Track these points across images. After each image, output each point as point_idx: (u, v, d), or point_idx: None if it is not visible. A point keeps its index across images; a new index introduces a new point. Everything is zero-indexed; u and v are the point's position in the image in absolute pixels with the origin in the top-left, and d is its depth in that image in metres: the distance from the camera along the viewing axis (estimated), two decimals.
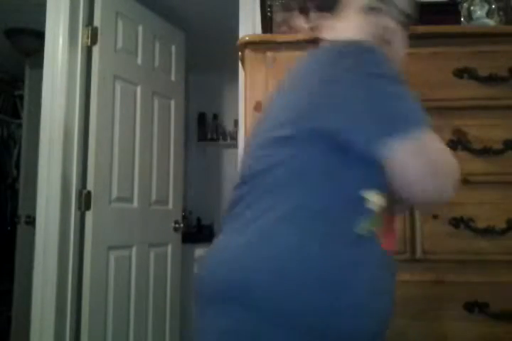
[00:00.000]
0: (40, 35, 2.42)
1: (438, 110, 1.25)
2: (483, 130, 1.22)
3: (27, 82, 3.29)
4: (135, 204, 2.37)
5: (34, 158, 2.19)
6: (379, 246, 0.76)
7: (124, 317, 2.25)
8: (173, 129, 2.71)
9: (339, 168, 0.76)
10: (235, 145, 2.57)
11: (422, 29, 1.26)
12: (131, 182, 2.35)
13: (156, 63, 2.59)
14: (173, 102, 2.72)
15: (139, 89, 2.44)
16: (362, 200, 0.75)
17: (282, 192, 0.77)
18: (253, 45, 1.26)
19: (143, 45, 2.47)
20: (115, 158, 2.24)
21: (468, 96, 1.23)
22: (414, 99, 0.76)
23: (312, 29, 0.97)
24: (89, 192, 2.11)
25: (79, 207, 2.11)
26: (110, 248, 2.18)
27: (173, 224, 2.65)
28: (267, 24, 1.51)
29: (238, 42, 1.36)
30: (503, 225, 1.17)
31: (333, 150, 0.75)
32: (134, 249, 2.34)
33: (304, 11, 0.98)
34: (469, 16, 1.43)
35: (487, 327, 1.15)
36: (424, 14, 1.32)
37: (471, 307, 1.15)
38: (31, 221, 2.91)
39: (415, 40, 1.28)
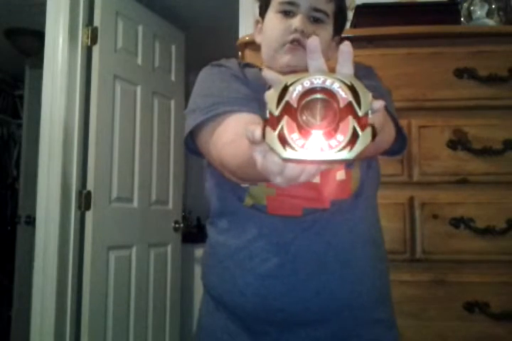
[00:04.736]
0: (40, 35, 2.42)
1: (438, 110, 1.25)
2: (483, 130, 1.22)
3: (27, 82, 3.29)
4: (135, 204, 2.37)
5: (34, 158, 2.19)
6: None
7: (124, 317, 2.25)
8: (173, 129, 2.70)
9: None
10: None
11: (422, 29, 1.27)
12: (131, 182, 2.35)
13: (156, 63, 2.58)
14: (173, 102, 2.72)
15: (139, 89, 2.44)
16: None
17: None
18: (253, 45, 1.26)
19: (143, 45, 2.47)
20: (115, 158, 2.24)
21: (468, 96, 1.23)
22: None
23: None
24: (89, 192, 2.11)
25: (79, 207, 2.11)
26: (110, 248, 2.18)
27: (173, 224, 2.64)
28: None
29: (238, 42, 1.37)
30: (503, 225, 1.17)
31: None
32: (134, 249, 2.34)
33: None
34: (469, 16, 1.43)
35: (487, 327, 1.15)
36: (424, 14, 1.33)
37: (471, 307, 1.15)
38: (31, 221, 2.91)
39: (416, 40, 1.28)
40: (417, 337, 1.16)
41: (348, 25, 1.08)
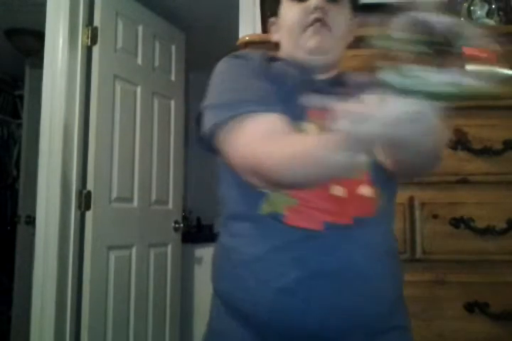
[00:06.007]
0: (40, 35, 2.42)
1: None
2: (483, 130, 1.22)
3: (27, 82, 3.29)
4: (135, 204, 2.37)
5: (34, 158, 2.19)
6: None
7: (124, 317, 2.25)
8: (173, 129, 2.70)
9: None
10: None
11: None
12: (131, 182, 2.35)
13: (156, 63, 2.58)
14: (173, 102, 2.72)
15: (139, 89, 2.44)
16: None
17: None
18: (253, 45, 1.27)
19: (143, 45, 2.47)
20: (115, 158, 2.24)
21: None
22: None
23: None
24: (89, 192, 2.11)
25: (79, 207, 2.11)
26: (110, 248, 2.18)
27: (173, 224, 2.64)
28: (267, 24, 1.51)
29: (238, 42, 1.37)
30: (503, 225, 1.17)
31: None
32: (134, 249, 2.34)
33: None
34: (469, 16, 1.43)
35: (487, 327, 1.15)
36: None
37: (471, 307, 1.15)
38: (31, 221, 2.91)
39: None
40: (417, 337, 1.15)
41: None
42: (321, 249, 0.77)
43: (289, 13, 0.89)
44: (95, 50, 2.18)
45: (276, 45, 0.94)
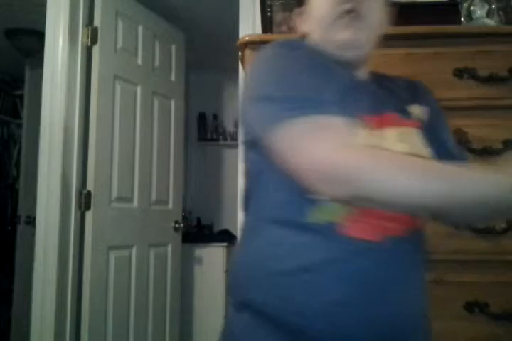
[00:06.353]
0: (40, 35, 2.42)
1: None
2: (483, 130, 1.22)
3: (27, 82, 3.29)
4: (135, 204, 2.37)
5: (34, 158, 2.19)
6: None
7: (124, 317, 2.25)
8: (173, 129, 2.71)
9: None
10: (235, 146, 2.58)
11: (422, 29, 1.27)
12: (131, 182, 2.35)
13: (156, 63, 2.59)
14: (173, 102, 2.72)
15: (139, 89, 2.44)
16: None
17: None
18: (253, 45, 1.26)
19: (143, 45, 2.47)
20: (115, 158, 2.24)
21: (468, 96, 1.23)
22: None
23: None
24: (89, 192, 2.11)
25: (79, 207, 2.11)
26: (110, 248, 2.18)
27: (173, 224, 2.65)
28: (267, 24, 1.51)
29: (238, 42, 1.36)
30: (503, 225, 1.17)
31: None
32: (134, 249, 2.34)
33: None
34: (469, 16, 1.43)
35: (487, 327, 1.15)
36: (424, 14, 1.33)
37: (471, 307, 1.15)
38: (31, 221, 2.91)
39: (416, 40, 1.28)
40: None
41: None
42: (377, 260, 0.74)
43: (318, 3, 0.84)
44: (95, 50, 2.18)
45: (302, 38, 0.89)
